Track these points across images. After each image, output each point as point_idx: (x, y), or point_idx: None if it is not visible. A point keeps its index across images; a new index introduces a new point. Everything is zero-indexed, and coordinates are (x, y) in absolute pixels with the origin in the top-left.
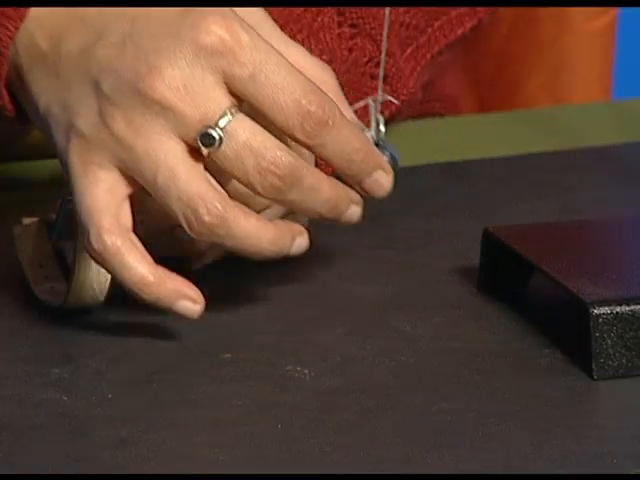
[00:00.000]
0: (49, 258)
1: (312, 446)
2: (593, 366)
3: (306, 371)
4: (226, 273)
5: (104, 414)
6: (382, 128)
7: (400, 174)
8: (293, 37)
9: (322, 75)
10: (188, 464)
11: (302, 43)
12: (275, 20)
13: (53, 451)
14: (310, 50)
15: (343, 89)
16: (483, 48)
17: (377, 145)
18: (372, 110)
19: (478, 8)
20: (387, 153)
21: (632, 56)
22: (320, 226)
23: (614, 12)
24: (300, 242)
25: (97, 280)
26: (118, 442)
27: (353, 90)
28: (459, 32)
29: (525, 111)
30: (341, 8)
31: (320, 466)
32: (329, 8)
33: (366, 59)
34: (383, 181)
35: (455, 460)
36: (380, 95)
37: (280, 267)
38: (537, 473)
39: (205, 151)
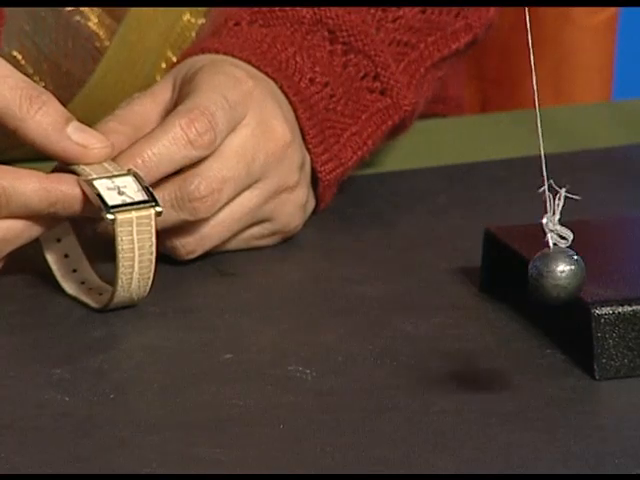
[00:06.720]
0: (81, 261)
1: (313, 446)
2: (595, 366)
3: (308, 371)
4: (226, 273)
5: (105, 414)
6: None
7: (401, 175)
8: (284, 50)
9: None
10: (190, 465)
11: (293, 57)
12: (263, 37)
13: (54, 451)
14: (302, 63)
15: (341, 100)
16: (486, 43)
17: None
18: (550, 201)
19: (473, 24)
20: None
21: (633, 55)
22: (320, 226)
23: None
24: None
25: (137, 285)
26: (119, 442)
27: (352, 102)
28: (453, 47)
29: (526, 112)
30: (331, 27)
31: (321, 466)
32: (319, 27)
33: (362, 74)
34: None
35: (456, 460)
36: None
37: (280, 267)
38: (538, 473)
39: None
